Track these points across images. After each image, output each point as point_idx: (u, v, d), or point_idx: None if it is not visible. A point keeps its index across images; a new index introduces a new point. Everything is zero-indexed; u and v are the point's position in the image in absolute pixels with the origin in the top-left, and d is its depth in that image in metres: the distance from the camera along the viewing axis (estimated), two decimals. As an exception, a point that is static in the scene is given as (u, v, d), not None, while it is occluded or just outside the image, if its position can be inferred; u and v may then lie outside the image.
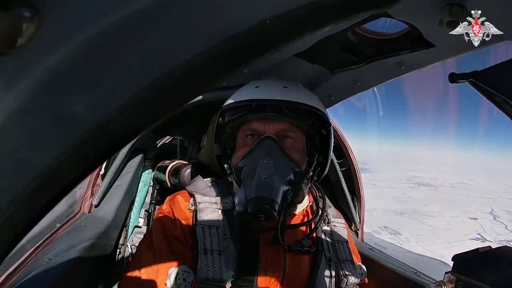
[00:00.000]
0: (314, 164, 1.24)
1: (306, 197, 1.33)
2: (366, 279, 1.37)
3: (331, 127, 1.28)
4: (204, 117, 1.71)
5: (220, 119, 1.29)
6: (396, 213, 72.70)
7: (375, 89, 1.64)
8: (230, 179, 1.24)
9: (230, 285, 1.11)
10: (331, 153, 1.31)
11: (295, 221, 1.30)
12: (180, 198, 1.30)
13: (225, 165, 1.25)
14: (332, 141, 1.29)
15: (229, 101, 1.27)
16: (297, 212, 1.32)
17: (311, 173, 1.24)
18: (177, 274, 1.09)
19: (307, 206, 1.36)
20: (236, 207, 1.11)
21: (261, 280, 1.15)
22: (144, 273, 1.12)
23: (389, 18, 1.08)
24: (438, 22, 0.95)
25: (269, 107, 1.18)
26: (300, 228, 1.29)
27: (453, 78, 0.96)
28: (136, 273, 1.14)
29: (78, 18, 0.27)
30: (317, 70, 1.60)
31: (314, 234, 1.29)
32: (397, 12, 1.01)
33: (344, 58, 1.49)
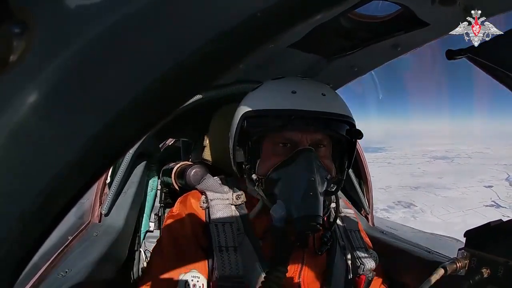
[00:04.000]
0: (346, 171, 1.25)
1: None
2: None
3: (360, 135, 1.22)
4: (204, 117, 1.70)
5: (245, 124, 1.18)
6: (411, 188, 73.21)
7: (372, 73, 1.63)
8: (255, 189, 1.19)
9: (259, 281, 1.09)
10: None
11: None
12: (191, 198, 1.29)
13: (253, 176, 1.17)
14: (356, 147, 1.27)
15: (257, 104, 1.18)
16: None
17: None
18: (186, 280, 1.09)
19: None
20: (275, 223, 1.07)
21: None
22: (156, 282, 1.13)
23: (381, 0, 1.07)
24: (431, 0, 0.94)
25: (309, 120, 1.13)
26: None
27: (451, 54, 0.95)
28: (149, 282, 1.15)
29: (68, 31, 0.27)
30: (314, 59, 1.59)
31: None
32: (389, -7, 1.00)
33: (339, 44, 1.48)
